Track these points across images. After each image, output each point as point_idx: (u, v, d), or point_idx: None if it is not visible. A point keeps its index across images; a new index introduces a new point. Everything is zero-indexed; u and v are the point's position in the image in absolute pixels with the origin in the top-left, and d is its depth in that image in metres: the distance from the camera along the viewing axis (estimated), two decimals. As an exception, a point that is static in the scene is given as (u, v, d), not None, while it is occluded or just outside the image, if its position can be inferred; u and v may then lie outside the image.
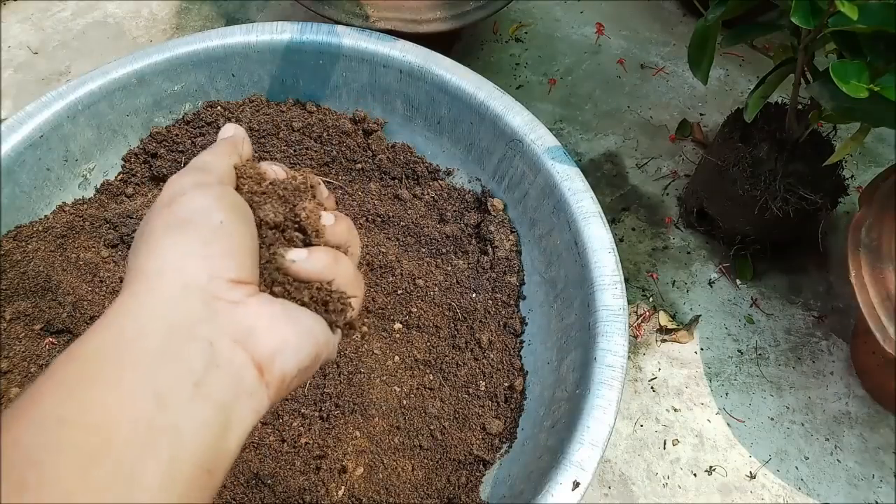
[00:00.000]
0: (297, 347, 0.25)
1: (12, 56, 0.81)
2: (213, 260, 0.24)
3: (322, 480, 0.47)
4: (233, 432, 0.22)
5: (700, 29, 0.53)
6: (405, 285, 0.56)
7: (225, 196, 0.26)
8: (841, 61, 0.43)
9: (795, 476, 0.57)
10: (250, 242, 0.26)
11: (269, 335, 0.24)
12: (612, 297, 0.47)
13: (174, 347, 0.22)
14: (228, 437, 0.22)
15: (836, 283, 0.68)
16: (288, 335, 0.25)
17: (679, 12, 0.91)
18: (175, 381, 0.21)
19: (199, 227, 0.24)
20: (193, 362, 0.22)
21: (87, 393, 0.20)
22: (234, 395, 0.22)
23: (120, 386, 0.20)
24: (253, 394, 0.23)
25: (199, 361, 0.22)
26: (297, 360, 0.25)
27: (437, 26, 0.65)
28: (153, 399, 0.20)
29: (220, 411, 0.22)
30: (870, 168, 0.75)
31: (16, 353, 0.51)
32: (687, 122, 0.78)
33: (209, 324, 0.23)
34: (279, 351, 0.24)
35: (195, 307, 0.23)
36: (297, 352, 0.25)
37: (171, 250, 0.24)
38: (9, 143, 0.53)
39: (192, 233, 0.24)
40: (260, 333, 0.24)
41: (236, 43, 0.61)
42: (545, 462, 0.43)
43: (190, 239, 0.24)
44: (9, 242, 0.54)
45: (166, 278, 0.23)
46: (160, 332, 0.22)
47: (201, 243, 0.24)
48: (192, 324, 0.22)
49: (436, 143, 0.63)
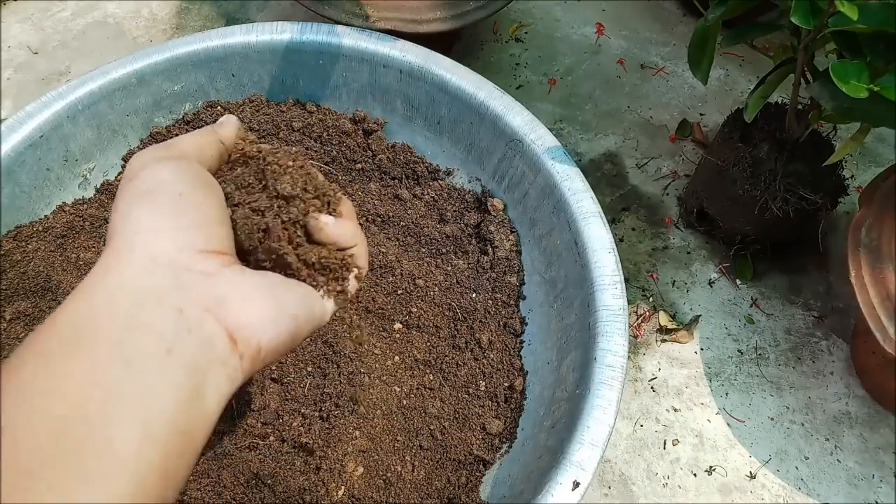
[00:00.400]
0: (273, 320, 0.25)
1: (12, 56, 0.81)
2: (181, 232, 0.24)
3: (322, 480, 0.47)
4: (208, 397, 0.22)
5: (700, 29, 0.53)
6: (405, 285, 0.56)
7: (185, 169, 0.26)
8: (841, 61, 0.43)
9: (795, 476, 0.57)
10: (219, 212, 0.26)
11: (243, 306, 0.24)
12: (612, 297, 0.47)
13: (143, 316, 0.22)
14: (204, 400, 0.22)
15: (836, 283, 0.68)
16: (264, 308, 0.25)
17: (679, 12, 0.91)
18: (145, 348, 0.21)
19: (162, 198, 0.25)
20: (164, 330, 0.22)
21: (60, 363, 0.20)
22: (206, 361, 0.22)
23: (91, 354, 0.21)
24: (226, 361, 0.23)
25: (169, 329, 0.22)
26: (274, 334, 0.25)
27: (437, 26, 0.65)
28: (123, 365, 0.20)
29: (193, 375, 0.22)
30: (870, 168, 0.75)
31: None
32: (687, 122, 0.78)
33: (179, 292, 0.23)
34: (253, 323, 0.24)
35: (164, 277, 0.23)
36: (274, 324, 0.25)
37: (138, 223, 0.24)
38: (9, 143, 0.53)
39: (157, 205, 0.24)
40: (232, 303, 0.24)
41: (236, 43, 0.61)
42: (545, 462, 0.43)
43: (156, 211, 0.24)
44: (9, 242, 0.54)
45: (136, 252, 0.23)
46: (129, 302, 0.22)
47: (168, 215, 0.24)
48: (162, 293, 0.22)
49: (436, 143, 0.63)
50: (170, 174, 0.25)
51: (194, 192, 0.25)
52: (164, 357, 0.21)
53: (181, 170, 0.26)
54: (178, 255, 0.23)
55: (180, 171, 0.26)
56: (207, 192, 0.26)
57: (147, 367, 0.21)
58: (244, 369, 0.24)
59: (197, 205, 0.25)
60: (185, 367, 0.22)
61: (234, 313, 0.24)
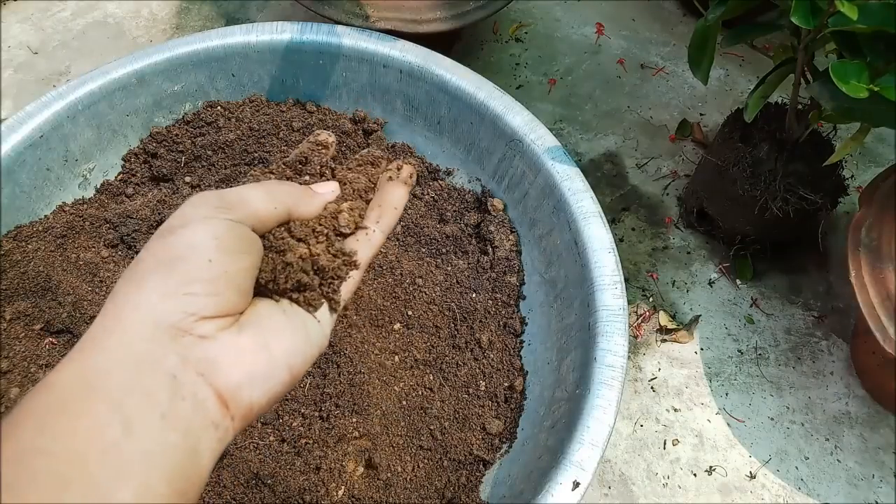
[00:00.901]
0: (265, 377, 0.25)
1: (12, 56, 0.81)
2: (192, 298, 0.24)
3: (322, 480, 0.47)
4: (202, 457, 0.23)
5: (700, 29, 0.53)
6: (405, 285, 0.56)
7: (228, 234, 0.26)
8: (841, 61, 0.43)
9: (795, 476, 0.57)
10: (243, 280, 0.26)
11: (234, 369, 0.24)
12: (612, 297, 0.47)
13: (140, 380, 0.22)
14: (198, 459, 0.23)
15: (836, 283, 0.68)
16: (255, 367, 0.25)
17: (679, 12, 0.91)
18: (142, 412, 0.22)
19: (187, 265, 0.24)
20: (159, 395, 0.22)
21: (59, 423, 0.21)
22: (200, 425, 0.23)
23: (89, 415, 0.21)
24: (218, 424, 0.24)
25: (164, 394, 0.23)
26: (264, 391, 0.25)
27: (437, 26, 0.65)
28: (122, 427, 0.21)
29: (187, 438, 0.23)
30: (870, 168, 0.75)
31: (16, 353, 0.50)
32: (687, 122, 0.78)
33: (174, 357, 0.23)
34: (243, 385, 0.25)
35: (163, 343, 0.23)
36: (265, 381, 0.25)
37: (153, 289, 0.24)
38: (9, 143, 0.53)
39: (178, 271, 0.24)
40: (224, 366, 0.24)
41: (236, 43, 0.61)
42: (545, 462, 0.43)
43: (175, 277, 0.24)
44: (9, 242, 0.54)
45: (140, 313, 0.23)
46: (127, 366, 0.22)
47: (185, 282, 0.24)
48: (158, 360, 0.23)
49: (436, 143, 0.63)
50: (208, 239, 0.25)
51: (224, 258, 0.25)
52: (160, 421, 0.22)
53: (223, 234, 0.26)
54: (182, 320, 0.24)
55: (221, 234, 0.26)
56: (241, 258, 0.26)
57: (144, 429, 0.22)
58: (235, 428, 0.25)
59: (221, 274, 0.25)
60: (179, 431, 0.22)
61: (225, 377, 0.24)
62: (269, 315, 0.27)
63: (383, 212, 0.33)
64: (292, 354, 0.27)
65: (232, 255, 0.26)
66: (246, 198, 0.28)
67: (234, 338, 0.25)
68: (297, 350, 0.27)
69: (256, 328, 0.26)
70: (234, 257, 0.26)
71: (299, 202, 0.30)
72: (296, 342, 0.27)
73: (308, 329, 0.28)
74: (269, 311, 0.27)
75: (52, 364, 0.51)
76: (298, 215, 0.30)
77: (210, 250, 0.25)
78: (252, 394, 0.25)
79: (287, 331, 0.27)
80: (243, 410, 0.25)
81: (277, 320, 0.27)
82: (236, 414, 0.25)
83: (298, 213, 0.30)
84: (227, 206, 0.27)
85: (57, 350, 0.52)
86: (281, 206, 0.29)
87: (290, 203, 0.29)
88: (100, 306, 0.53)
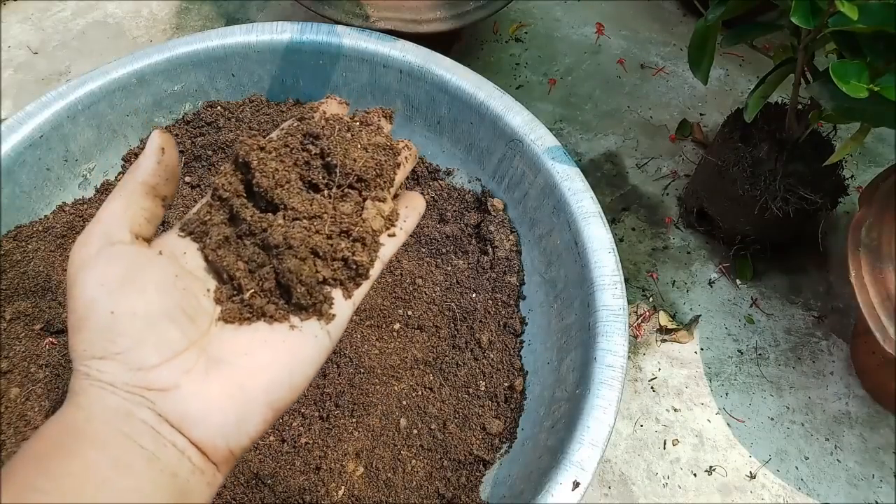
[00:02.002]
0: (240, 421, 0.24)
1: (12, 56, 0.81)
2: (123, 356, 0.23)
3: (322, 480, 0.47)
4: (193, 497, 0.23)
5: (700, 29, 0.53)
6: (405, 285, 0.56)
7: (114, 274, 0.24)
8: (841, 61, 0.43)
9: (795, 476, 0.57)
10: (157, 309, 0.24)
11: (205, 421, 0.24)
12: (612, 297, 0.47)
13: (120, 427, 0.23)
14: (190, 497, 0.23)
15: (836, 283, 0.68)
16: (229, 414, 0.24)
17: (679, 12, 0.91)
18: (128, 452, 0.22)
19: (94, 327, 0.24)
20: (142, 441, 0.23)
21: (54, 465, 0.22)
22: (186, 470, 0.23)
23: (80, 457, 0.22)
24: (204, 470, 0.24)
25: (147, 441, 0.23)
26: (243, 434, 0.24)
27: (437, 26, 0.65)
28: (112, 466, 0.22)
29: (175, 481, 0.23)
30: (870, 168, 0.75)
31: (16, 353, 0.50)
32: (687, 122, 0.78)
33: (146, 412, 0.23)
34: (216, 436, 0.24)
35: (128, 400, 0.23)
36: (241, 425, 0.24)
37: (86, 356, 0.24)
38: (9, 143, 0.53)
39: (91, 335, 0.24)
40: (194, 420, 0.24)
41: (236, 43, 0.61)
42: (545, 462, 0.43)
43: (93, 343, 0.23)
44: (9, 242, 0.54)
45: (94, 378, 0.23)
46: (105, 416, 0.23)
47: (106, 342, 0.23)
48: (130, 412, 0.23)
49: (436, 143, 0.63)
50: (98, 290, 0.24)
51: (125, 301, 0.24)
52: (147, 463, 0.22)
53: (110, 277, 0.24)
54: (133, 377, 0.23)
55: (109, 279, 0.24)
56: (144, 289, 0.24)
57: (133, 468, 0.22)
58: (223, 472, 0.25)
59: (131, 318, 0.24)
60: (167, 473, 0.23)
61: (198, 431, 0.24)
62: (246, 350, 0.25)
63: (409, 213, 0.32)
64: (273, 390, 0.25)
65: (129, 294, 0.24)
66: (99, 217, 0.25)
67: (202, 385, 0.24)
68: (280, 382, 0.25)
69: (228, 368, 0.25)
70: (132, 296, 0.24)
71: (135, 175, 0.26)
72: (278, 372, 0.25)
73: (299, 346, 0.26)
74: (247, 343, 0.26)
75: (52, 364, 0.51)
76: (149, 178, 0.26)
77: (104, 301, 0.24)
78: (228, 442, 0.24)
79: (267, 362, 0.25)
80: (223, 456, 0.24)
81: (256, 355, 0.25)
82: (218, 461, 0.24)
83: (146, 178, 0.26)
84: (88, 237, 0.25)
85: (57, 350, 0.52)
86: (128, 195, 0.26)
87: (133, 185, 0.26)
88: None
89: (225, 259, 0.27)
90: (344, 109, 0.33)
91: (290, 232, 0.27)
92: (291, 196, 0.28)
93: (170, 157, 0.27)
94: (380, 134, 0.32)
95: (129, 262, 0.25)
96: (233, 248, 0.27)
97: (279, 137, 0.30)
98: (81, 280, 0.24)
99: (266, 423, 0.25)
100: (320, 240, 0.27)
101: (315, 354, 0.26)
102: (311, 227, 0.27)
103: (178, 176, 0.28)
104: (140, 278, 0.25)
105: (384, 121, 0.34)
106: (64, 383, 0.50)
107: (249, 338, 0.26)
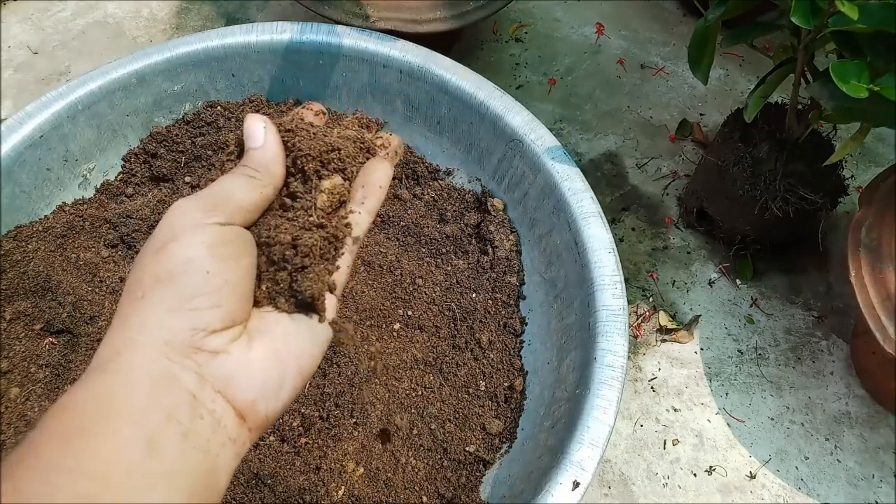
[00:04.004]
0: (278, 385, 0.26)
1: (12, 56, 0.81)
2: (198, 314, 0.24)
3: (322, 480, 0.47)
4: (220, 474, 0.24)
5: (700, 29, 0.53)
6: (405, 285, 0.56)
7: (222, 240, 0.25)
8: (841, 61, 0.43)
9: (795, 476, 0.57)
10: (244, 286, 0.26)
11: (250, 382, 0.25)
12: (612, 296, 0.47)
13: (159, 401, 0.23)
14: (217, 477, 0.24)
15: (836, 283, 0.68)
16: (269, 379, 0.25)
17: (679, 12, 0.91)
18: (164, 432, 0.22)
19: (186, 280, 0.24)
20: (179, 415, 0.23)
21: (81, 443, 0.21)
22: (218, 443, 0.24)
23: (112, 436, 0.21)
24: (235, 439, 0.24)
25: (184, 414, 0.23)
26: (279, 398, 0.26)
27: (437, 26, 0.65)
28: (144, 447, 0.21)
29: (207, 458, 0.23)
30: (870, 168, 0.75)
31: (16, 353, 0.50)
32: (687, 122, 0.78)
33: (191, 376, 0.23)
34: (258, 398, 0.25)
35: (176, 361, 0.23)
36: (278, 391, 0.26)
37: (155, 307, 0.24)
38: (9, 143, 0.53)
39: (179, 287, 0.24)
40: (240, 382, 0.24)
41: (236, 43, 0.61)
42: (545, 462, 0.43)
43: (176, 295, 0.24)
44: (9, 242, 0.54)
45: (149, 334, 0.23)
46: (145, 386, 0.23)
47: (187, 297, 0.24)
48: (174, 377, 0.23)
49: (436, 143, 0.63)
50: (202, 250, 0.25)
51: (223, 267, 0.25)
52: (182, 441, 0.22)
53: (217, 243, 0.25)
54: (192, 337, 0.24)
55: (216, 244, 0.25)
56: (238, 263, 0.26)
57: (166, 449, 0.22)
58: (252, 439, 0.25)
59: (221, 284, 0.25)
60: (199, 449, 0.23)
61: (242, 393, 0.25)
62: (276, 321, 0.27)
63: (368, 192, 0.31)
64: (301, 357, 0.27)
65: (228, 261, 0.25)
66: (230, 192, 0.27)
67: (247, 350, 0.25)
68: (305, 352, 0.27)
69: (266, 336, 0.26)
70: (230, 263, 0.25)
71: (270, 173, 0.28)
72: (303, 345, 0.27)
73: (312, 328, 0.28)
74: (275, 316, 0.27)
75: (52, 364, 0.51)
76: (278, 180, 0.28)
77: (206, 261, 0.24)
78: (267, 406, 0.25)
79: (294, 335, 0.27)
80: (260, 422, 0.25)
81: (285, 326, 0.27)
82: (253, 426, 0.25)
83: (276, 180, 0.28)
84: (213, 207, 0.26)
85: (57, 350, 0.52)
86: (267, 189, 0.28)
87: (274, 181, 0.28)
88: (100, 306, 0.53)
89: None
90: (320, 119, 0.32)
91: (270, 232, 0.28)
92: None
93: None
94: (350, 129, 0.32)
95: (235, 239, 0.26)
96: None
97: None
98: (186, 239, 0.25)
99: (296, 389, 0.27)
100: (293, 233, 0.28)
101: (323, 335, 0.29)
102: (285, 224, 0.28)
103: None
104: (240, 255, 0.26)
105: (364, 130, 0.33)
106: (64, 383, 0.50)
107: (275, 315, 0.27)
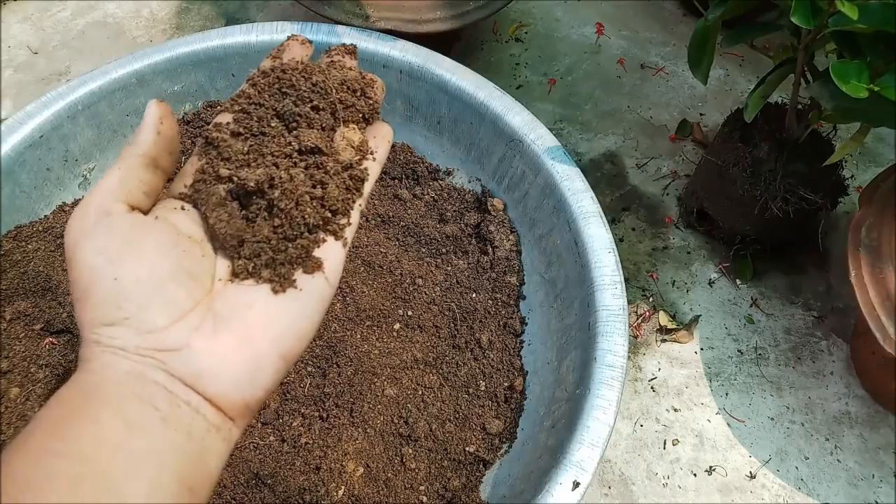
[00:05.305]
0: (254, 372, 0.24)
1: (12, 56, 0.81)
2: (132, 320, 0.23)
3: (322, 480, 0.47)
4: (209, 456, 0.24)
5: (700, 29, 0.53)
6: (405, 285, 0.56)
7: (112, 236, 0.24)
8: (841, 61, 0.43)
9: (795, 476, 0.57)
10: (162, 271, 0.24)
11: (218, 375, 0.24)
12: (612, 297, 0.47)
13: (133, 390, 0.23)
14: (206, 460, 0.23)
15: (836, 283, 0.68)
16: (241, 368, 0.24)
17: (679, 12, 0.91)
18: (141, 415, 0.22)
19: (99, 293, 0.24)
20: (156, 402, 0.23)
21: (69, 428, 0.22)
22: (202, 429, 0.23)
23: (94, 421, 0.22)
24: (219, 427, 0.24)
25: (161, 401, 0.23)
26: (258, 385, 0.24)
27: (437, 26, 0.65)
28: (126, 428, 0.22)
29: (192, 440, 0.23)
30: (870, 168, 0.75)
31: (16, 353, 0.51)
32: (687, 122, 0.78)
33: (159, 373, 0.23)
34: (231, 390, 0.24)
35: (139, 362, 0.23)
36: (254, 377, 0.24)
37: (95, 324, 0.24)
38: (9, 143, 0.53)
39: (97, 302, 0.24)
40: (207, 376, 0.24)
41: (236, 43, 0.61)
42: (545, 462, 0.43)
43: (98, 309, 0.24)
44: (9, 242, 0.54)
45: (103, 345, 0.23)
46: (119, 380, 0.23)
47: (112, 309, 0.23)
48: (143, 373, 0.23)
49: (436, 143, 0.63)
50: (96, 257, 0.24)
51: (130, 264, 0.24)
52: (161, 423, 0.22)
53: (108, 244, 0.24)
54: (143, 341, 0.23)
55: (108, 245, 0.24)
56: (143, 253, 0.24)
57: (148, 430, 0.22)
58: (239, 426, 0.25)
59: (135, 281, 0.24)
60: (182, 432, 0.23)
61: (212, 387, 0.24)
62: (249, 302, 0.25)
63: (378, 143, 0.31)
64: (283, 341, 0.25)
65: (131, 255, 0.24)
66: (98, 188, 0.26)
67: (211, 341, 0.24)
68: (288, 332, 0.25)
69: (235, 323, 0.25)
70: (135, 255, 0.24)
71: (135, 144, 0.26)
72: (286, 323, 0.25)
73: (303, 297, 0.26)
74: (249, 295, 0.25)
75: (52, 364, 0.51)
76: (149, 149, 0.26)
77: (108, 267, 0.24)
78: (244, 394, 0.24)
79: (274, 314, 0.25)
80: (240, 410, 0.24)
81: (260, 307, 0.25)
82: (235, 415, 0.24)
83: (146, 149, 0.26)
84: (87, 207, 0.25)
85: (57, 350, 0.52)
86: (127, 164, 0.26)
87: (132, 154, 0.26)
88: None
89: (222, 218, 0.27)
90: (308, 50, 0.32)
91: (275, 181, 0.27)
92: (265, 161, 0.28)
93: (169, 128, 0.27)
94: (349, 69, 0.33)
95: (127, 230, 0.25)
96: (228, 207, 0.27)
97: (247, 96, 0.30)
98: (81, 250, 0.24)
99: (279, 373, 0.25)
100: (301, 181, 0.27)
101: (318, 303, 0.26)
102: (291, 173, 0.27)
103: (179, 147, 0.28)
104: (139, 244, 0.25)
105: (348, 58, 0.34)
106: (64, 383, 0.50)
107: (253, 293, 0.26)
